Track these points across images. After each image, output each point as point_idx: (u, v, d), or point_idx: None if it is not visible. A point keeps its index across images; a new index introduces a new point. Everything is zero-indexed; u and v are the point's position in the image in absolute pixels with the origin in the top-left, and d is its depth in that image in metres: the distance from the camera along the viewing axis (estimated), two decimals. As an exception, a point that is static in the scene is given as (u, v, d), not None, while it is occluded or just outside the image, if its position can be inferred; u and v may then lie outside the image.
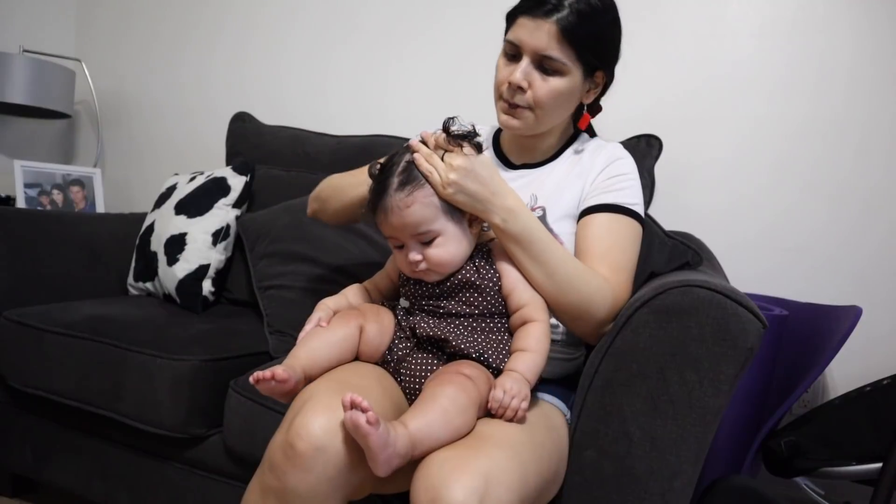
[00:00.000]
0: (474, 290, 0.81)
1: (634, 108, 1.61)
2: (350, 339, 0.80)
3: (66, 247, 1.55)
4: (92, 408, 1.19)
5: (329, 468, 0.66)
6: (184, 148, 2.23)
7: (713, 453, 0.99)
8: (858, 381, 1.22)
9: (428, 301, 0.83)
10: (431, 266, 0.79)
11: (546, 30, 0.87)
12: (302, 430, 0.67)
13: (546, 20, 0.87)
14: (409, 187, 0.78)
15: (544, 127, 0.97)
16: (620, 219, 0.92)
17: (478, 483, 0.61)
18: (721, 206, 1.55)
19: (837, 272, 1.46)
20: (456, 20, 1.80)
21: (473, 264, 0.82)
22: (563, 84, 0.91)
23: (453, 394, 0.70)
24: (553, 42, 0.87)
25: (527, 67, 0.90)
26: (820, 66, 1.46)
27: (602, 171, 0.96)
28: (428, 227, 0.78)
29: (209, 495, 1.16)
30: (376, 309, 0.85)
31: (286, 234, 1.44)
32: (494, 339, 0.81)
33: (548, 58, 0.88)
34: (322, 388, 0.73)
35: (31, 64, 1.99)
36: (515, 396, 0.73)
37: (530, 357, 0.78)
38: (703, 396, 0.74)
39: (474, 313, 0.81)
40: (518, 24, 0.90)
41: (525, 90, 0.90)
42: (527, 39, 0.89)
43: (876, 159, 1.43)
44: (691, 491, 0.77)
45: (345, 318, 0.82)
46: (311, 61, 2.02)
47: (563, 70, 0.90)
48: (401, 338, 0.83)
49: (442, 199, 0.79)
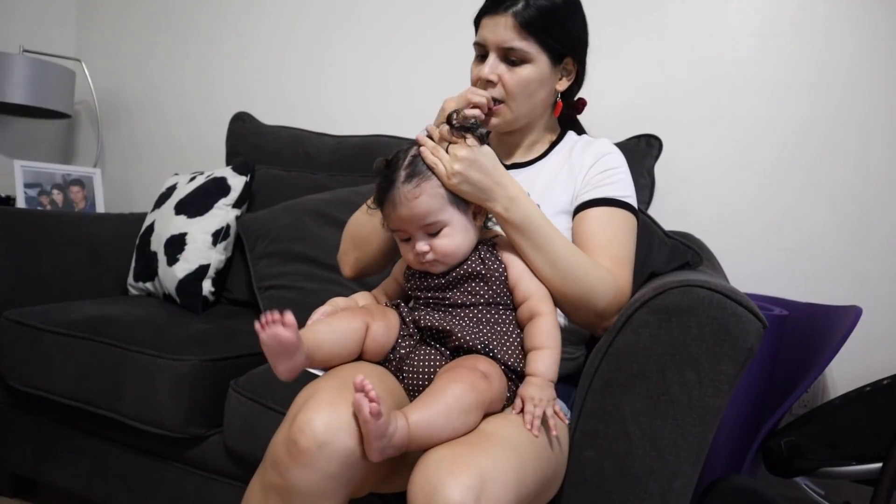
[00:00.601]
0: (480, 279, 0.82)
1: (634, 108, 1.61)
2: (356, 332, 0.80)
3: (66, 247, 1.55)
4: (92, 408, 1.19)
5: (332, 465, 0.66)
6: (184, 148, 2.23)
7: (713, 453, 0.99)
8: (858, 381, 1.23)
9: (434, 293, 0.83)
10: (438, 257, 0.80)
11: (503, 23, 0.92)
12: (305, 427, 0.67)
13: (503, 14, 0.92)
14: (416, 179, 0.79)
15: (522, 119, 0.99)
16: (616, 212, 0.93)
17: (475, 481, 0.61)
18: (721, 206, 1.55)
19: (837, 272, 1.46)
20: (456, 20, 1.80)
21: (479, 256, 0.83)
22: (531, 71, 0.95)
23: (461, 393, 0.70)
24: (511, 33, 0.92)
25: (493, 62, 0.94)
26: (820, 65, 1.46)
27: (592, 167, 0.98)
28: (435, 218, 0.79)
29: (209, 495, 1.16)
30: (382, 309, 0.85)
31: (286, 234, 1.44)
32: (500, 330, 0.81)
33: (510, 49, 0.93)
34: (325, 385, 0.73)
35: (31, 64, 1.99)
36: (546, 407, 0.74)
37: (548, 355, 0.78)
38: (703, 396, 0.74)
39: (479, 303, 0.81)
40: (482, 24, 0.96)
41: (495, 83, 0.94)
42: (490, 36, 0.94)
43: (877, 159, 1.43)
44: (691, 491, 0.77)
45: (351, 314, 0.82)
46: (311, 61, 2.02)
47: (526, 58, 0.94)
48: (404, 336, 0.83)
49: (448, 190, 0.80)
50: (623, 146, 1.43)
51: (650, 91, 1.60)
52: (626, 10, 1.62)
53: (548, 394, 0.75)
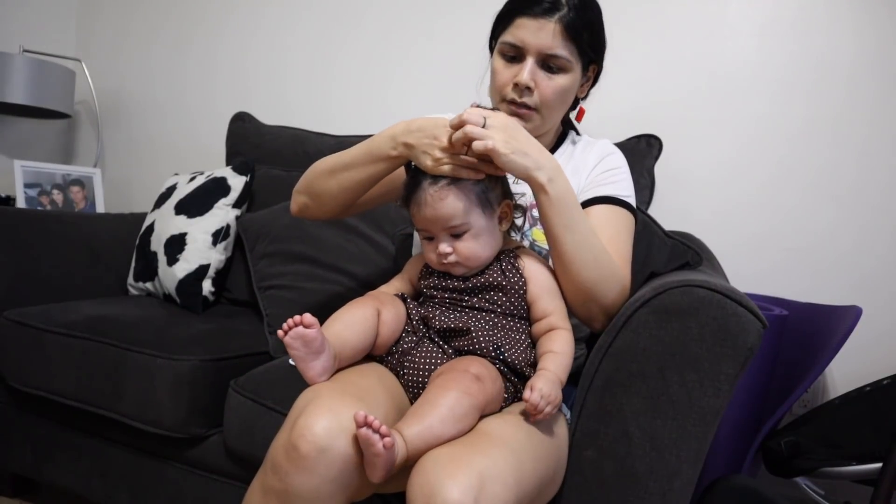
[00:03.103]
0: (500, 290, 0.82)
1: (634, 108, 1.61)
2: (370, 319, 0.80)
3: (66, 247, 1.55)
4: (92, 408, 1.19)
5: (332, 469, 0.66)
6: (184, 148, 2.23)
7: (713, 453, 0.99)
8: (858, 381, 1.23)
9: (451, 294, 0.83)
10: (460, 259, 0.80)
11: (550, 29, 0.88)
12: (305, 431, 0.67)
13: (548, 19, 0.88)
14: (443, 181, 0.79)
15: (548, 126, 0.98)
16: (618, 210, 0.94)
17: (474, 481, 0.61)
18: (721, 206, 1.55)
19: (837, 272, 1.46)
20: (457, 21, 1.80)
21: (500, 267, 0.83)
22: (567, 81, 0.92)
23: (454, 402, 0.69)
24: (558, 40, 0.89)
25: (532, 67, 0.90)
26: (821, 65, 1.46)
27: (596, 166, 0.99)
28: (460, 221, 0.79)
29: (209, 495, 1.16)
30: (391, 297, 0.86)
31: (286, 234, 1.44)
32: (515, 338, 0.82)
33: (553, 56, 0.90)
34: (325, 388, 0.73)
35: (31, 64, 1.98)
36: (551, 403, 0.73)
37: (560, 357, 0.79)
38: (703, 396, 0.74)
39: (496, 311, 0.82)
40: (517, 24, 0.91)
41: (532, 90, 0.91)
42: (530, 40, 0.89)
43: (878, 159, 1.43)
44: (691, 491, 0.77)
45: (361, 303, 0.82)
46: (311, 61, 2.02)
47: (567, 67, 0.91)
48: (408, 331, 0.83)
49: (474, 194, 0.80)
50: (623, 146, 1.43)
51: (651, 91, 1.60)
52: (626, 10, 1.62)
53: (556, 392, 0.74)
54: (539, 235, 0.96)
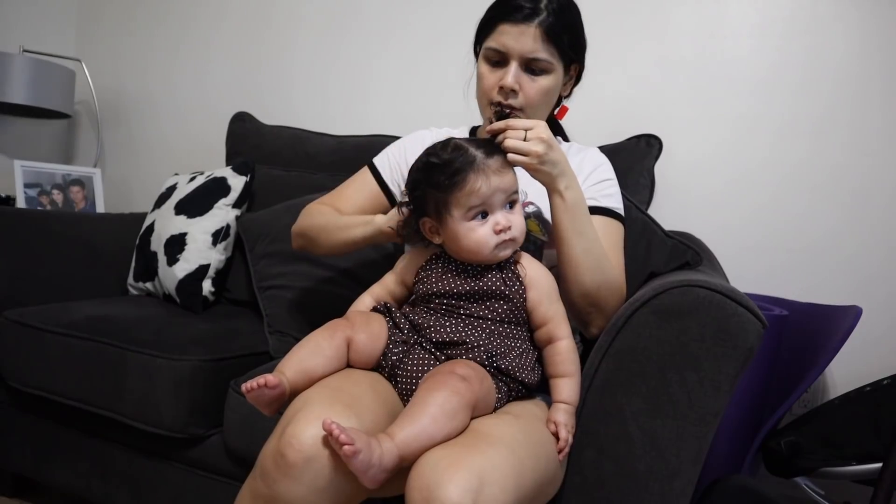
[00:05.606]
0: (501, 298, 0.81)
1: (635, 108, 1.61)
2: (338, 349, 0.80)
3: (66, 247, 1.55)
4: (92, 408, 1.19)
5: (319, 479, 0.66)
6: (184, 148, 2.23)
7: (713, 453, 0.99)
8: (858, 381, 1.22)
9: (449, 300, 0.82)
10: (517, 234, 0.80)
11: (531, 34, 0.93)
12: (293, 440, 0.66)
13: (529, 24, 0.92)
14: (497, 154, 0.81)
15: None
16: (612, 222, 0.99)
17: (472, 481, 0.61)
18: (721, 206, 1.55)
19: (838, 272, 1.45)
20: (457, 21, 1.80)
21: (501, 275, 0.82)
22: (550, 81, 0.97)
23: (443, 400, 0.69)
24: (539, 44, 0.93)
25: (516, 71, 0.95)
26: (822, 66, 1.46)
27: (589, 176, 1.02)
28: (518, 188, 0.82)
29: (209, 495, 1.16)
30: (366, 317, 0.84)
31: (286, 234, 1.43)
32: (510, 344, 0.81)
33: (535, 59, 0.94)
34: (315, 396, 0.72)
35: (31, 64, 1.99)
36: (571, 433, 0.77)
37: (574, 383, 0.80)
38: (703, 396, 0.74)
39: (496, 319, 0.81)
40: (500, 30, 0.95)
41: (517, 92, 0.95)
42: (513, 45, 0.94)
43: (878, 159, 1.43)
44: (691, 491, 0.77)
45: (331, 331, 0.81)
46: (311, 61, 2.02)
47: (549, 69, 0.96)
48: (395, 342, 0.81)
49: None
50: (623, 146, 1.43)
51: (650, 91, 1.60)
52: (626, 10, 1.62)
53: (573, 421, 0.79)
54: (533, 226, 0.97)
